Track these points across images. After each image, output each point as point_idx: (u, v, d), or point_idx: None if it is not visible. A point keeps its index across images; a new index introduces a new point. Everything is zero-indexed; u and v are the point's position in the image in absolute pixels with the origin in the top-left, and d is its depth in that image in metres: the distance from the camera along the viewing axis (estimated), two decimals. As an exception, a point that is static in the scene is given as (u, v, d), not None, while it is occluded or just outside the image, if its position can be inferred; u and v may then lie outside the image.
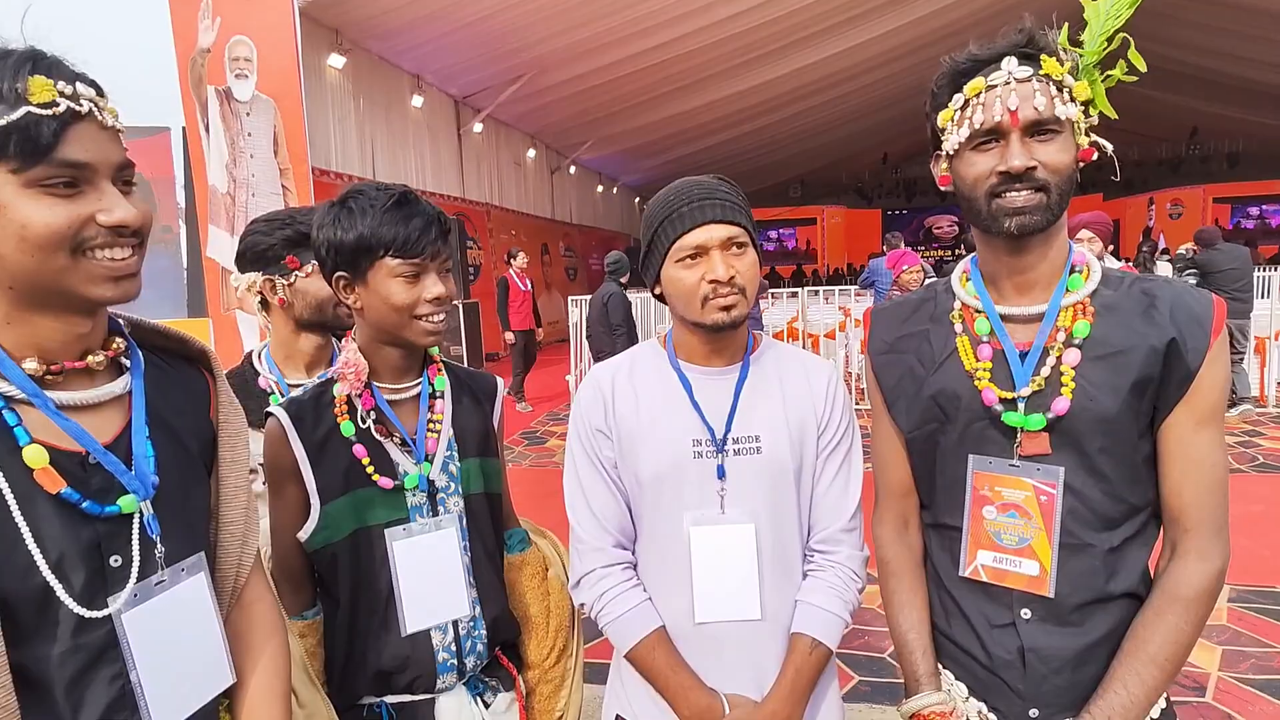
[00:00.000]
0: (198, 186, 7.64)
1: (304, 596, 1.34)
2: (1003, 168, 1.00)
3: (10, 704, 0.75)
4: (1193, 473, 1.01)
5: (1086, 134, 1.04)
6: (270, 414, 1.29)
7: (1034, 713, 1.07)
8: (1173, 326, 1.00)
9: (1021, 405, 1.05)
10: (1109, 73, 1.04)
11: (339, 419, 1.28)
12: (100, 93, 0.83)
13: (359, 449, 1.27)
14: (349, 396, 1.29)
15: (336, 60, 9.40)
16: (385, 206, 1.25)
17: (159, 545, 0.88)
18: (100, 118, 0.82)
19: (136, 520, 0.87)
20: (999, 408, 1.06)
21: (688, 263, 1.21)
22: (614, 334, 6.32)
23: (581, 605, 1.29)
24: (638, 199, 25.32)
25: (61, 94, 0.78)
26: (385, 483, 1.27)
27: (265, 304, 1.70)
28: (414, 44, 10.12)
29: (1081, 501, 1.04)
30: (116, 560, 0.85)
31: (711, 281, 1.19)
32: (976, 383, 1.08)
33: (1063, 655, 1.05)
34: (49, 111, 0.78)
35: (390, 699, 1.30)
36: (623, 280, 6.63)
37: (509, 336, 8.44)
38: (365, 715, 1.30)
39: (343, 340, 1.79)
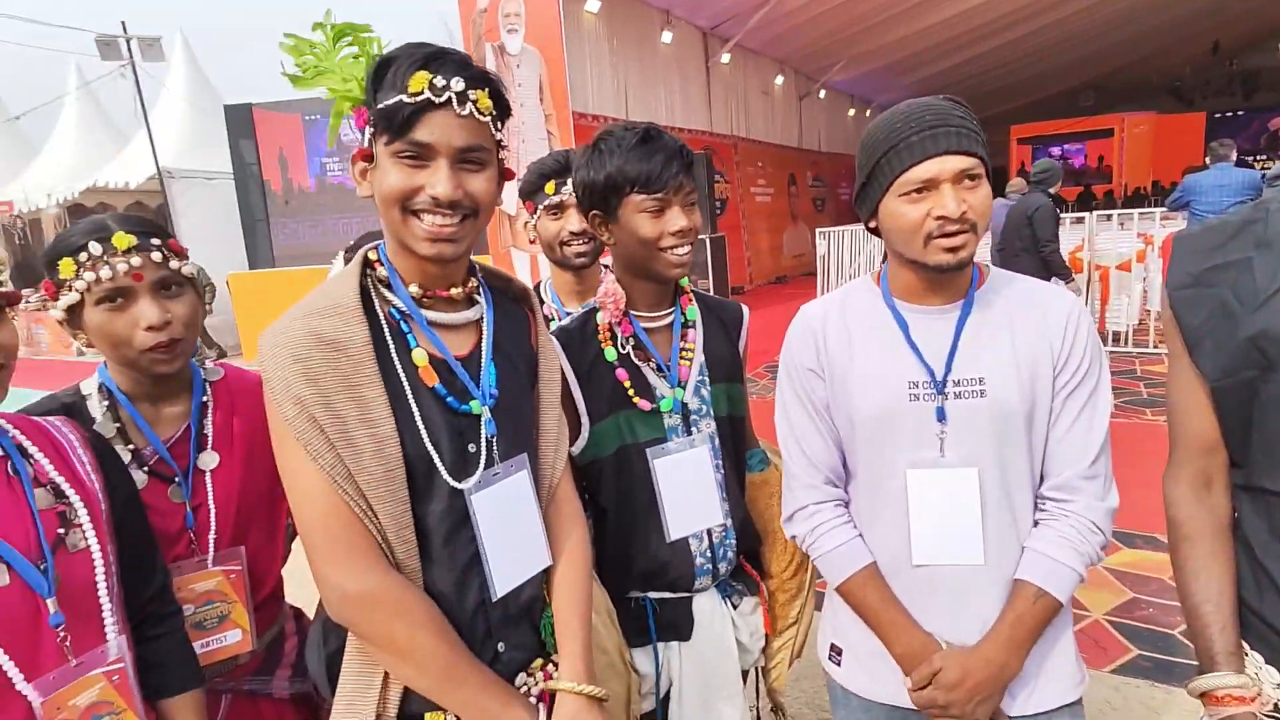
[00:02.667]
0: (477, 137, 8.54)
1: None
2: None
3: (411, 540, 1.01)
4: None
5: None
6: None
7: None
8: None
9: None
10: None
11: (603, 345, 1.40)
12: (475, 84, 0.98)
13: (621, 373, 1.39)
14: (610, 324, 1.41)
15: (593, 4, 9.77)
16: (630, 145, 1.32)
17: (495, 444, 1.09)
18: (457, 108, 0.97)
19: (483, 421, 1.07)
20: None
21: (913, 197, 1.12)
22: (1040, 251, 5.39)
23: (793, 537, 1.32)
24: (892, 121, 23.31)
25: (430, 87, 0.95)
26: (644, 405, 1.38)
27: None
28: (663, -23, 10.13)
29: None
30: (473, 447, 1.07)
31: (939, 218, 1.10)
32: None
33: None
34: (412, 101, 0.95)
35: (654, 595, 1.43)
36: (1052, 190, 5.70)
37: None
38: (632, 607, 1.44)
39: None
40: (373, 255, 1.09)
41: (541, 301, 1.88)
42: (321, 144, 10.73)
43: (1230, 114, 19.70)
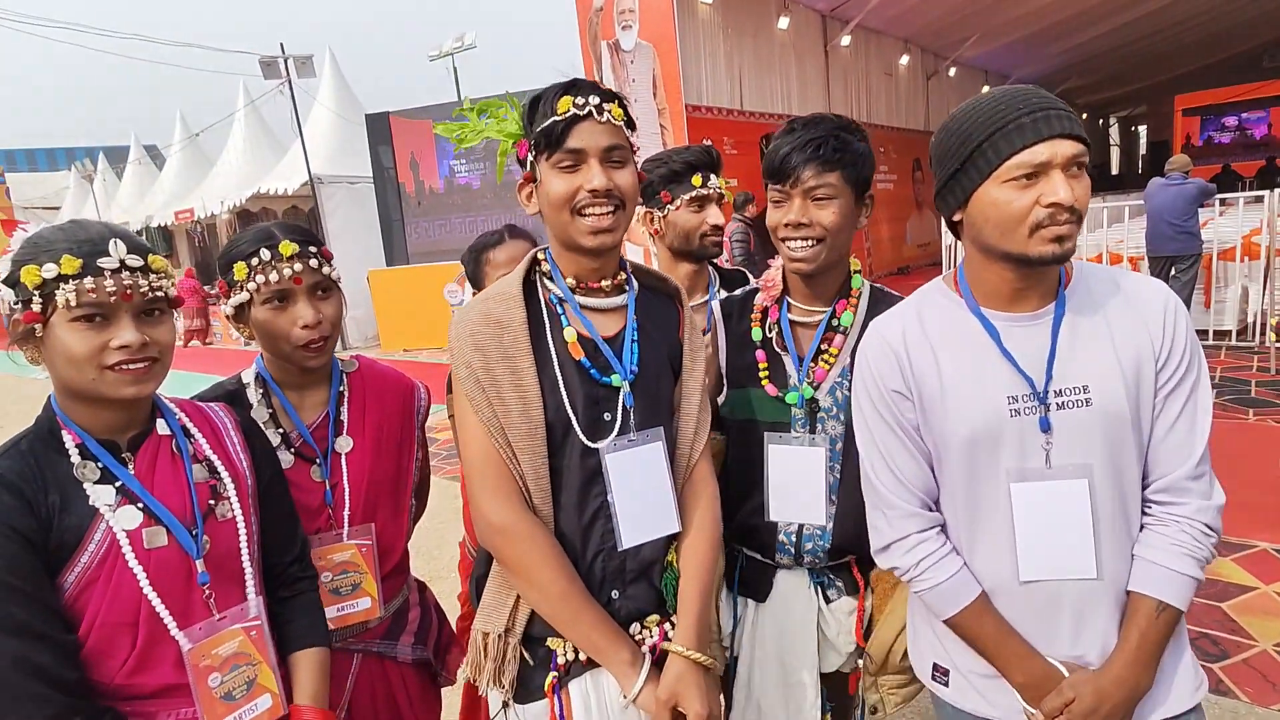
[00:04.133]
0: (595, 134, 8.72)
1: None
2: None
3: (546, 488, 1.21)
4: None
5: None
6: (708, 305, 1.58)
7: None
8: None
9: None
10: None
11: (753, 324, 1.48)
12: (607, 100, 1.19)
13: (760, 354, 1.46)
14: (764, 307, 1.48)
15: (708, -4, 9.70)
16: (780, 133, 1.40)
17: (632, 414, 1.24)
18: (597, 117, 1.17)
19: (621, 394, 1.23)
20: None
21: (1022, 183, 1.05)
22: None
23: (893, 569, 1.25)
24: (1034, 96, 21.55)
25: (574, 105, 1.16)
26: (771, 390, 1.43)
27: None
28: (781, -38, 9.89)
29: None
30: (608, 416, 1.24)
31: (1050, 205, 1.03)
32: None
33: None
34: (562, 118, 1.16)
35: (747, 551, 1.52)
36: None
37: None
38: (729, 553, 1.55)
39: (723, 262, 1.95)
40: (540, 255, 1.30)
41: None
42: (450, 148, 11.35)
43: None
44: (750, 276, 1.95)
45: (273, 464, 1.32)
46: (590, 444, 1.21)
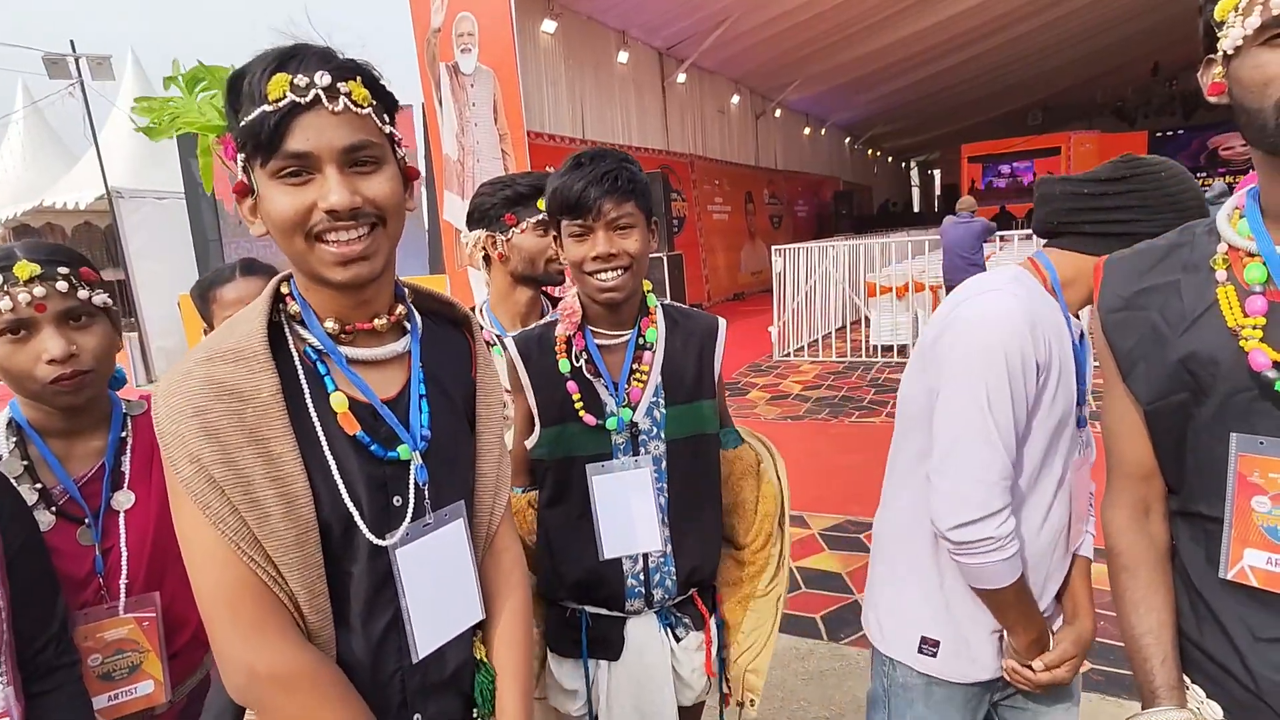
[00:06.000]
0: (435, 156, 8.48)
1: (523, 479, 1.49)
2: None
3: (325, 607, 0.89)
4: None
5: None
6: (504, 342, 1.48)
7: None
8: None
9: None
10: None
11: (558, 356, 1.40)
12: (344, 76, 0.85)
13: (571, 385, 1.39)
14: (567, 337, 1.41)
15: (549, 25, 9.82)
16: (566, 170, 1.35)
17: (427, 492, 0.98)
18: (328, 104, 0.83)
19: (412, 468, 0.96)
20: (1272, 374, 0.86)
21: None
22: None
23: (964, 543, 1.19)
24: (848, 139, 23.84)
25: (291, 89, 0.82)
26: (589, 420, 1.38)
27: (488, 259, 1.87)
28: (620, -1, 10.26)
29: None
30: (399, 500, 0.95)
31: None
32: (1243, 343, 0.88)
33: None
34: (275, 108, 0.82)
35: (589, 609, 1.44)
36: None
37: None
38: (568, 616, 1.46)
39: (560, 290, 1.92)
40: (284, 289, 0.96)
41: (480, 327, 1.88)
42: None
43: (1171, 132, 20.55)
44: None
45: (26, 527, 1.10)
46: (379, 541, 0.93)
